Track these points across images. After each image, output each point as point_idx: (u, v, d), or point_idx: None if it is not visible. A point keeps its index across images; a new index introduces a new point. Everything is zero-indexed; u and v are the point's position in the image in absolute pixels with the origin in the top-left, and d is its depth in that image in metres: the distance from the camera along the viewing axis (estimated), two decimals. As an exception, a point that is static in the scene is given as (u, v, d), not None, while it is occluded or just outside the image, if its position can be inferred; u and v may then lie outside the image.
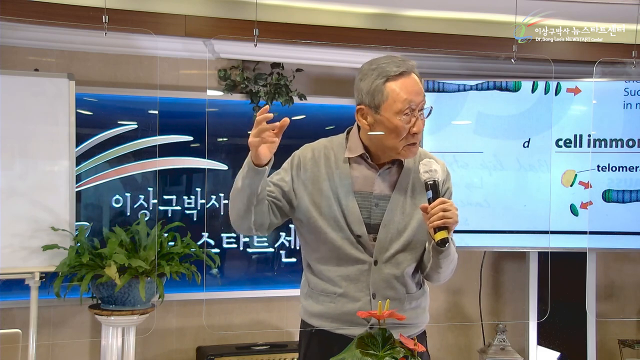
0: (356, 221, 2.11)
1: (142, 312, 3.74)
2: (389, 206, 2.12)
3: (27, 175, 3.75)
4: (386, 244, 2.12)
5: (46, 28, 3.75)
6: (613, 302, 4.94)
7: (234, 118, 4.37)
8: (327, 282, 2.16)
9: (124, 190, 4.17)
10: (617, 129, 4.24)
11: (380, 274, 2.12)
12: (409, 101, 2.03)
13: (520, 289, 4.66)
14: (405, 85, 2.04)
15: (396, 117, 2.03)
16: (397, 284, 2.13)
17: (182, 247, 3.89)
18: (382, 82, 2.05)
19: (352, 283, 2.12)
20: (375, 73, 2.06)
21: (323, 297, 2.17)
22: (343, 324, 2.13)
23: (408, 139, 2.06)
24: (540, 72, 4.32)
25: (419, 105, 2.05)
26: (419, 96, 2.05)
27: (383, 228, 2.11)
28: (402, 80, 2.04)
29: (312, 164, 2.17)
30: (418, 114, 2.05)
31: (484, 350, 4.38)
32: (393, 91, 2.04)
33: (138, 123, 4.18)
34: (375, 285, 2.11)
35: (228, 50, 4.16)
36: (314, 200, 2.14)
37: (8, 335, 2.43)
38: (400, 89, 2.04)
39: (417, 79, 2.07)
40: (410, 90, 2.04)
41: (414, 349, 1.69)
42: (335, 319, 2.14)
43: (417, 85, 2.06)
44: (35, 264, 3.68)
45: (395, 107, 2.04)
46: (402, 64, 2.05)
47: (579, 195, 4.23)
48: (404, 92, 2.03)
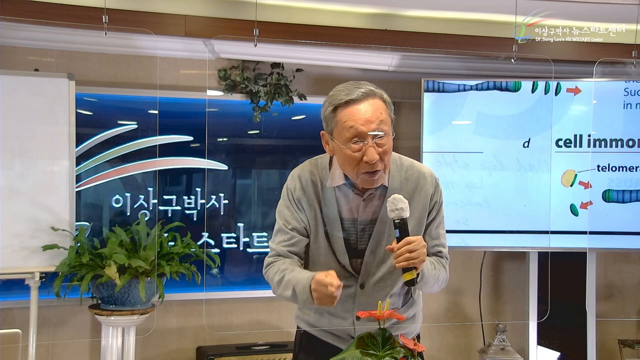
0: (340, 251, 2.13)
1: (142, 312, 3.74)
2: (374, 231, 2.11)
3: (27, 175, 3.75)
4: (373, 269, 2.13)
5: (46, 28, 3.75)
6: (613, 302, 4.94)
7: (234, 118, 4.37)
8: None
9: (124, 190, 4.17)
10: (617, 129, 4.24)
11: (367, 297, 2.14)
12: (355, 130, 1.97)
13: (520, 289, 4.67)
14: (352, 113, 1.98)
15: (345, 146, 1.99)
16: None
17: (182, 247, 3.89)
18: (331, 110, 2.03)
19: (340, 303, 2.05)
20: (329, 101, 2.05)
21: (313, 310, 2.23)
22: (328, 334, 2.21)
23: (362, 168, 2.01)
24: (540, 72, 4.32)
25: (371, 132, 1.97)
26: (368, 124, 1.97)
27: (370, 254, 2.12)
28: (350, 109, 1.99)
29: (301, 194, 2.14)
30: (372, 141, 1.97)
31: (484, 350, 4.38)
32: (340, 119, 2.00)
33: (138, 123, 4.18)
34: (361, 307, 2.11)
35: (228, 50, 4.16)
36: (307, 226, 2.15)
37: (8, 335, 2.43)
38: (347, 117, 1.99)
39: (371, 105, 1.99)
40: (357, 118, 1.97)
41: (414, 349, 1.69)
42: (322, 330, 2.23)
43: (368, 112, 1.98)
44: (36, 264, 3.68)
45: (343, 135, 2.00)
46: (353, 92, 2.00)
47: (579, 195, 4.23)
48: (350, 121, 1.98)
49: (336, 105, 2.01)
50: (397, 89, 4.65)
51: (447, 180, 4.26)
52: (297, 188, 2.14)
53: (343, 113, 2.00)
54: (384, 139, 2.00)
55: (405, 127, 4.59)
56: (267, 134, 4.40)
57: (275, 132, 4.42)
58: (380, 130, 1.98)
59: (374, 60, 4.41)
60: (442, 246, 2.19)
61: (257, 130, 4.37)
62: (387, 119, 2.02)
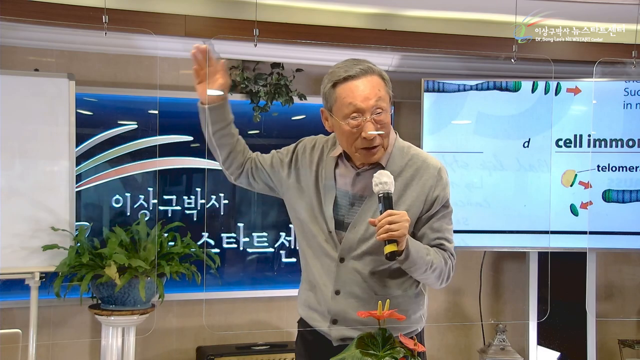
0: (329, 216, 2.13)
1: (142, 312, 3.74)
2: (362, 207, 2.12)
3: (27, 175, 3.75)
4: (354, 244, 2.11)
5: (46, 28, 3.75)
6: (613, 302, 4.93)
7: (235, 118, 4.36)
8: (308, 270, 2.23)
9: (124, 190, 4.17)
10: (617, 129, 4.24)
11: (345, 272, 2.13)
12: (354, 105, 2.01)
13: (520, 289, 4.67)
14: (350, 90, 2.02)
15: (343, 122, 2.03)
16: (363, 284, 2.12)
17: (182, 247, 3.89)
18: (330, 86, 2.07)
19: (322, 276, 2.16)
20: (328, 77, 2.09)
21: (305, 284, 2.25)
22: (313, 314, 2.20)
23: (360, 143, 2.04)
24: (540, 72, 4.32)
25: (370, 109, 2.01)
26: (367, 100, 2.01)
27: (352, 228, 2.12)
28: (348, 84, 2.03)
29: (309, 153, 2.22)
30: (370, 117, 2.01)
31: (484, 350, 4.38)
32: (339, 96, 2.04)
33: (138, 123, 4.18)
34: (339, 281, 2.13)
35: (228, 50, 4.16)
36: (303, 187, 2.19)
37: (8, 335, 2.43)
38: (345, 93, 2.03)
39: (369, 82, 2.03)
40: (356, 94, 2.01)
41: (414, 349, 1.69)
42: (309, 307, 2.22)
43: (366, 89, 2.02)
44: (35, 264, 3.68)
45: (341, 111, 2.04)
46: (352, 68, 2.04)
47: (579, 195, 4.23)
48: (349, 97, 2.02)
49: (335, 82, 2.05)
50: (397, 89, 4.57)
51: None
52: (307, 147, 2.23)
53: (342, 89, 2.04)
54: (382, 115, 2.04)
55: (405, 127, 4.59)
56: (267, 134, 4.40)
57: (275, 132, 4.42)
58: (378, 106, 2.02)
59: (374, 60, 4.29)
60: (446, 240, 2.14)
61: (257, 130, 4.37)
62: (385, 96, 2.06)
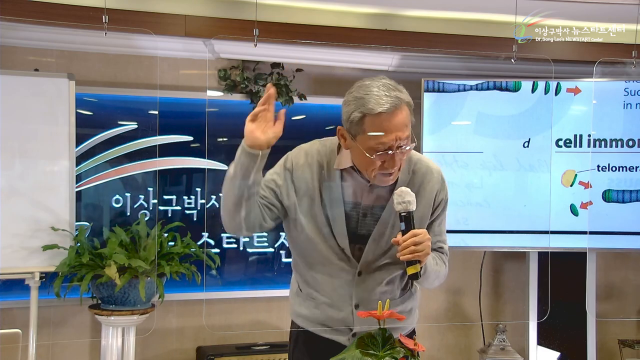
0: (341, 234, 2.07)
1: (142, 312, 3.74)
2: (380, 220, 2.07)
3: (27, 175, 3.75)
4: (374, 258, 2.09)
5: (46, 28, 3.75)
6: (613, 302, 4.93)
7: (234, 118, 4.35)
8: (313, 287, 2.16)
9: (124, 190, 4.17)
10: (617, 129, 4.24)
11: (365, 285, 2.10)
12: (385, 145, 1.91)
13: (520, 289, 4.66)
14: (381, 127, 1.90)
15: (368, 153, 1.93)
16: (382, 293, 2.11)
17: (182, 247, 3.89)
18: (359, 116, 1.91)
19: (337, 292, 2.10)
20: (356, 103, 1.93)
21: (309, 301, 2.18)
22: (327, 329, 2.15)
23: (380, 171, 1.97)
24: (540, 72, 4.32)
25: (397, 144, 1.92)
26: (397, 139, 1.91)
27: (373, 242, 2.08)
28: (380, 120, 1.89)
29: (304, 169, 2.09)
30: (397, 150, 1.92)
31: (484, 350, 4.38)
32: (368, 128, 1.91)
33: (138, 123, 4.18)
34: (359, 296, 2.10)
35: (228, 50, 4.16)
36: (304, 207, 2.08)
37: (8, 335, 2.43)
38: (376, 128, 1.90)
39: (399, 116, 1.90)
40: (387, 131, 1.90)
41: (414, 349, 1.69)
42: (320, 323, 2.17)
43: (397, 125, 1.90)
44: (36, 264, 3.68)
45: (368, 144, 1.92)
46: (386, 102, 1.89)
47: (579, 195, 4.23)
48: (379, 137, 1.91)
49: (365, 114, 1.91)
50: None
51: (447, 180, 4.23)
52: (300, 162, 2.10)
53: (372, 123, 1.91)
54: (406, 143, 1.95)
55: (405, 127, 4.59)
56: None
57: (275, 132, 4.42)
58: (406, 141, 1.94)
59: (373, 60, 4.41)
60: (444, 242, 2.20)
61: (257, 130, 4.37)
62: (409, 126, 1.96)
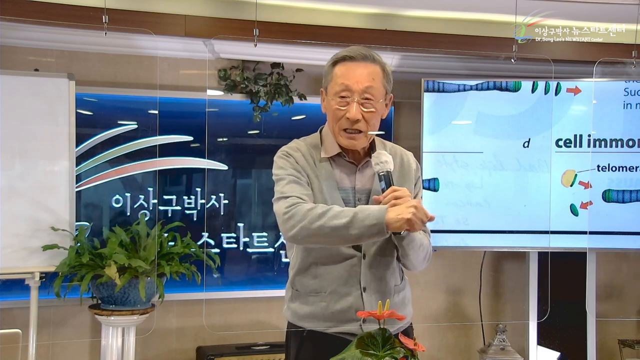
0: None
1: (142, 312, 3.74)
2: (371, 199, 2.11)
3: (27, 175, 3.75)
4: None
5: (46, 28, 3.75)
6: (613, 302, 4.93)
7: (234, 118, 4.37)
8: (318, 281, 2.15)
9: (124, 190, 4.17)
10: (617, 129, 4.24)
11: (370, 267, 2.12)
12: (345, 85, 2.06)
13: (520, 289, 4.67)
14: (346, 69, 2.08)
15: (333, 99, 2.09)
16: (386, 276, 2.15)
17: (182, 247, 3.89)
18: (330, 64, 2.13)
19: (342, 280, 2.11)
20: (332, 58, 2.14)
21: (312, 298, 2.16)
22: (334, 323, 2.11)
23: (344, 124, 2.08)
24: (540, 72, 4.32)
25: (359, 91, 2.05)
26: (358, 83, 2.05)
27: None
28: (346, 65, 2.08)
29: (303, 162, 2.16)
30: (357, 100, 2.05)
31: (484, 350, 4.38)
32: (336, 74, 2.10)
33: (138, 123, 4.18)
34: (366, 278, 2.11)
35: (228, 50, 4.16)
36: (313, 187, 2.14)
37: (8, 335, 2.43)
38: (341, 72, 2.08)
39: (367, 67, 2.06)
40: (350, 75, 2.06)
41: (414, 349, 1.69)
42: (326, 318, 2.13)
43: (362, 73, 2.05)
44: (36, 264, 3.68)
45: (333, 89, 2.10)
46: (355, 52, 2.08)
47: (579, 195, 4.23)
48: (343, 77, 2.07)
49: (335, 60, 2.11)
50: (397, 89, 4.58)
51: (447, 180, 4.26)
52: (297, 156, 2.16)
53: (339, 68, 2.09)
54: (371, 103, 2.06)
55: (405, 127, 4.59)
56: (267, 134, 4.40)
57: (275, 132, 4.42)
58: (368, 92, 2.06)
59: (374, 60, 4.40)
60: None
61: (257, 130, 4.37)
62: (379, 87, 2.08)
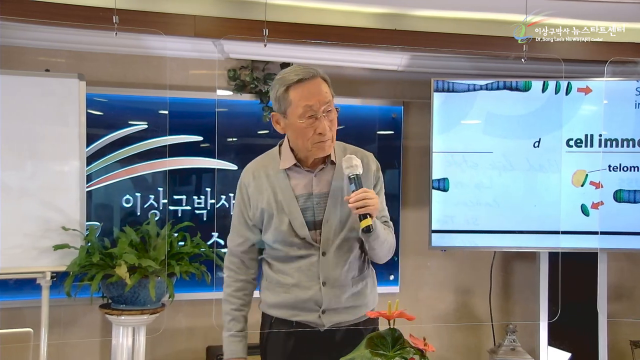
0: (299, 226, 2.30)
1: (152, 311, 3.75)
2: (328, 202, 2.32)
3: (37, 175, 3.77)
4: (331, 237, 2.32)
5: (56, 29, 3.76)
6: (624, 303, 4.91)
7: (244, 118, 4.38)
8: (282, 275, 2.38)
9: (134, 190, 4.18)
10: (629, 129, 4.21)
11: (329, 263, 2.32)
12: (309, 106, 2.21)
13: (531, 289, 4.65)
14: (303, 91, 2.22)
15: (299, 121, 2.23)
16: (345, 270, 2.34)
17: (192, 246, 3.89)
18: (283, 90, 2.24)
19: (304, 274, 2.33)
20: (279, 82, 2.26)
21: (278, 288, 2.38)
22: (297, 312, 2.35)
23: (315, 139, 2.25)
24: (550, 72, 4.30)
25: (322, 107, 2.22)
26: (320, 102, 2.21)
27: (326, 224, 2.31)
28: (301, 87, 2.23)
29: (256, 184, 2.36)
30: (323, 115, 2.22)
31: (494, 350, 4.36)
32: (293, 98, 2.23)
33: (148, 123, 4.19)
34: (325, 273, 2.32)
35: (237, 50, 4.16)
36: (264, 212, 2.34)
37: (20, 335, 2.45)
38: (299, 95, 2.22)
39: (317, 84, 2.24)
40: (309, 95, 2.22)
41: (424, 349, 1.69)
42: (290, 307, 2.36)
43: (317, 89, 2.23)
44: (46, 264, 3.69)
45: (297, 112, 2.23)
46: (302, 72, 2.23)
47: (590, 196, 4.21)
48: (303, 99, 2.22)
49: (288, 86, 2.23)
50: (406, 89, 4.63)
51: (457, 180, 4.25)
52: (250, 181, 2.37)
53: (294, 92, 2.23)
54: (332, 112, 2.26)
55: (415, 127, 4.58)
56: (276, 134, 4.39)
57: (284, 132, 4.42)
58: (328, 105, 2.24)
59: (383, 60, 4.40)
60: (387, 217, 2.44)
61: (267, 130, 4.37)
62: (330, 95, 2.27)
